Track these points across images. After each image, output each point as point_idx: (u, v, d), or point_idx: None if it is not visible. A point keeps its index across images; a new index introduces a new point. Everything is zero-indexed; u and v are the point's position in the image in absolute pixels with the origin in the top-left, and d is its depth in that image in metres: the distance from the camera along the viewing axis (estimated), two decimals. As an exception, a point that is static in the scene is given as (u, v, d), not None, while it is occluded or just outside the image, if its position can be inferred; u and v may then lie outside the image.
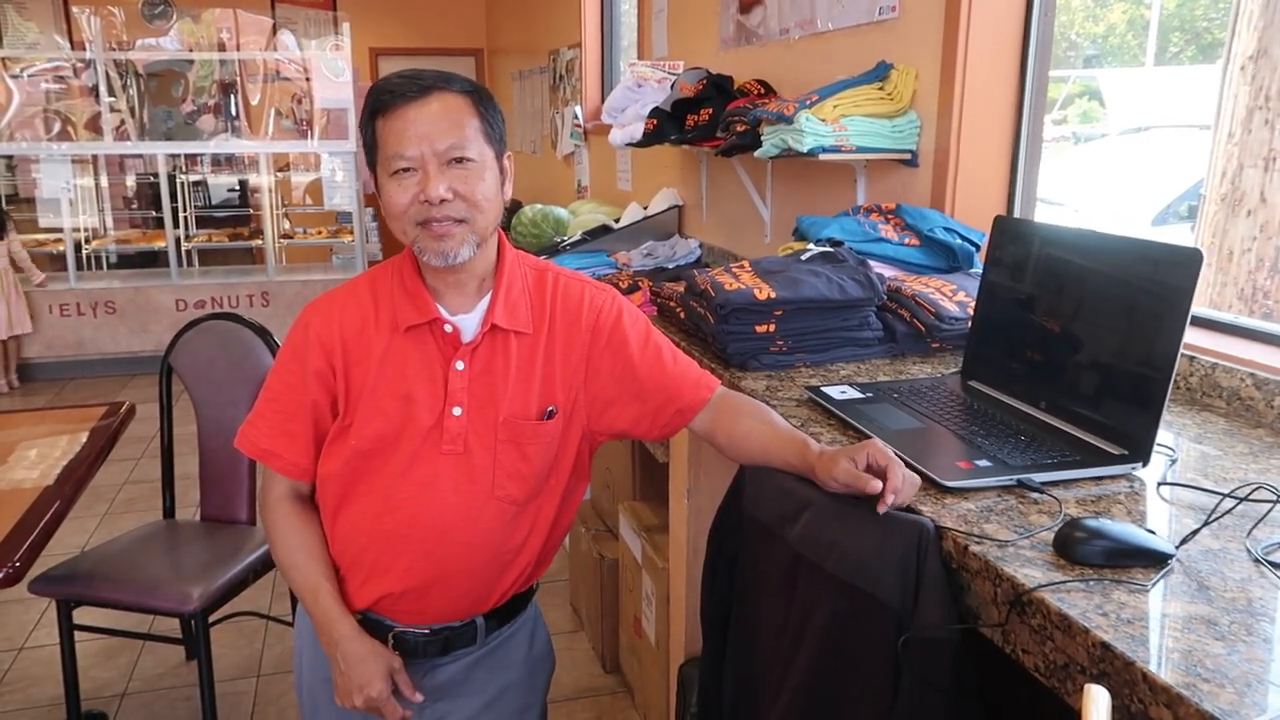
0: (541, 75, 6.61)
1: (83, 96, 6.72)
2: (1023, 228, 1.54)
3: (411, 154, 1.24)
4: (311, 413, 1.37)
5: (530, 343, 1.37)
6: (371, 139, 1.30)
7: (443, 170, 1.25)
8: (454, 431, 1.33)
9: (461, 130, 1.26)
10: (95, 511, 3.97)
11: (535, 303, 1.39)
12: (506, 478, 1.36)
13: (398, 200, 1.27)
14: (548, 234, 4.31)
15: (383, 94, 1.27)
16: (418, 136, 1.24)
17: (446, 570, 1.36)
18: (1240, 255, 2.53)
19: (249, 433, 1.40)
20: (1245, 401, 1.45)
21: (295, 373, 1.37)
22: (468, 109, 1.28)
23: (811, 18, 2.71)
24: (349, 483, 1.36)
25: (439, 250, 1.28)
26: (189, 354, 2.63)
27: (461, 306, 1.36)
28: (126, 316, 6.11)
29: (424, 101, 1.25)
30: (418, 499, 1.34)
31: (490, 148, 1.30)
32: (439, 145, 1.24)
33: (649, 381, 1.40)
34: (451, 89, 1.27)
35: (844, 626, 1.12)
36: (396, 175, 1.26)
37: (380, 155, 1.28)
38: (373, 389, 1.33)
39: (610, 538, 2.86)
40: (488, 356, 1.35)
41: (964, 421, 1.37)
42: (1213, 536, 1.03)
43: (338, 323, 1.36)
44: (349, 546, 1.38)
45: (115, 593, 2.26)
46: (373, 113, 1.28)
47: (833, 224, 2.08)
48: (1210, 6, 3.99)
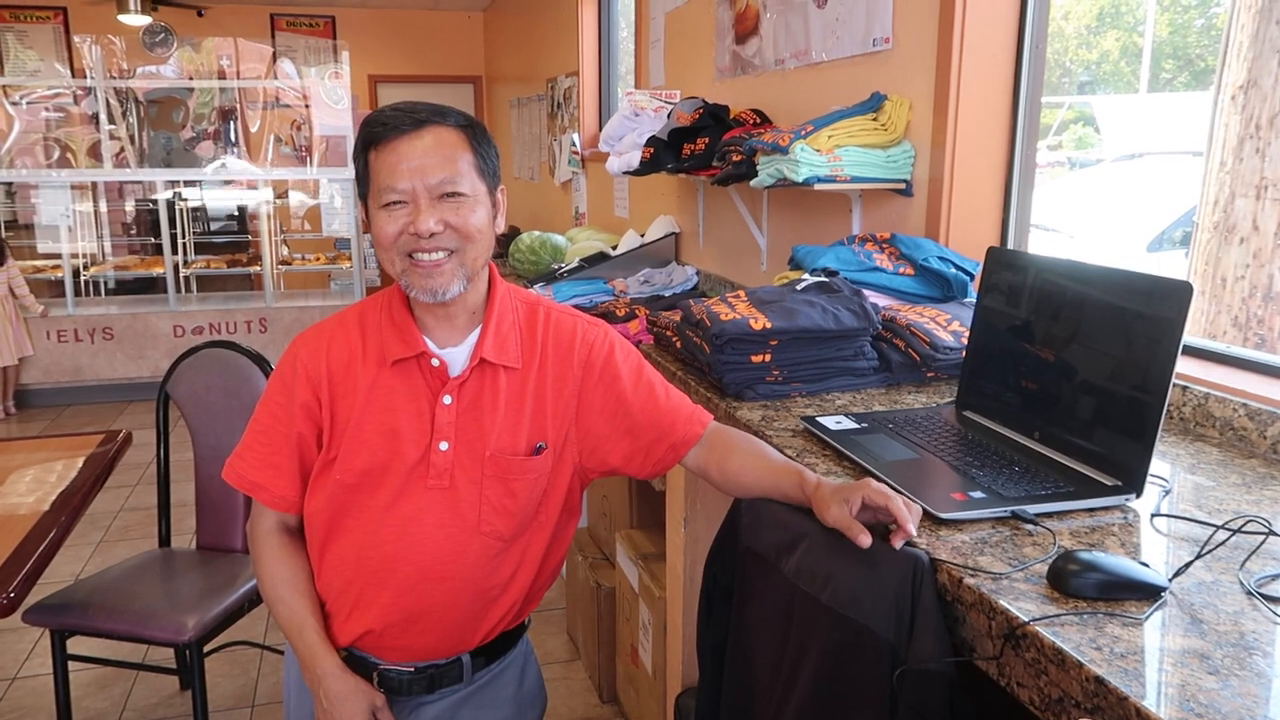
0: (539, 103, 6.65)
1: (83, 124, 6.77)
2: (1016, 258, 1.55)
3: (403, 187, 1.24)
4: (297, 445, 1.36)
5: (520, 377, 1.36)
6: (364, 170, 1.29)
7: (433, 204, 1.25)
8: (440, 466, 1.32)
9: (454, 165, 1.26)
10: (90, 539, 3.95)
11: (526, 337, 1.38)
12: (493, 513, 1.34)
13: (386, 230, 1.26)
14: (545, 261, 4.33)
15: (376, 126, 1.27)
16: (409, 170, 1.24)
17: (430, 607, 1.35)
18: (1234, 283, 2.55)
19: (236, 464, 1.40)
20: (1238, 431, 1.46)
21: (282, 405, 1.36)
22: (461, 143, 1.27)
23: (806, 48, 2.74)
24: (334, 517, 1.35)
25: (427, 287, 1.27)
26: (186, 382, 2.63)
27: (450, 340, 1.36)
28: (124, 343, 6.11)
29: (417, 135, 1.25)
30: (402, 534, 1.32)
31: (483, 182, 1.30)
32: (431, 179, 1.24)
33: (641, 417, 1.39)
34: (446, 123, 1.27)
35: (839, 658, 1.12)
36: (387, 207, 1.26)
37: (372, 187, 1.28)
38: (358, 423, 1.32)
39: (607, 566, 2.85)
40: (476, 391, 1.34)
41: (958, 452, 1.38)
42: (1206, 569, 1.03)
43: (325, 355, 1.35)
44: (334, 581, 1.37)
45: (110, 622, 2.25)
46: (365, 144, 1.28)
47: (828, 253, 2.09)
48: (1202, 34, 4.02)
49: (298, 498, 1.39)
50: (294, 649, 1.39)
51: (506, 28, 8.24)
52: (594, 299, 3.31)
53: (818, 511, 1.17)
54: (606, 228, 4.74)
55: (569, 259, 4.12)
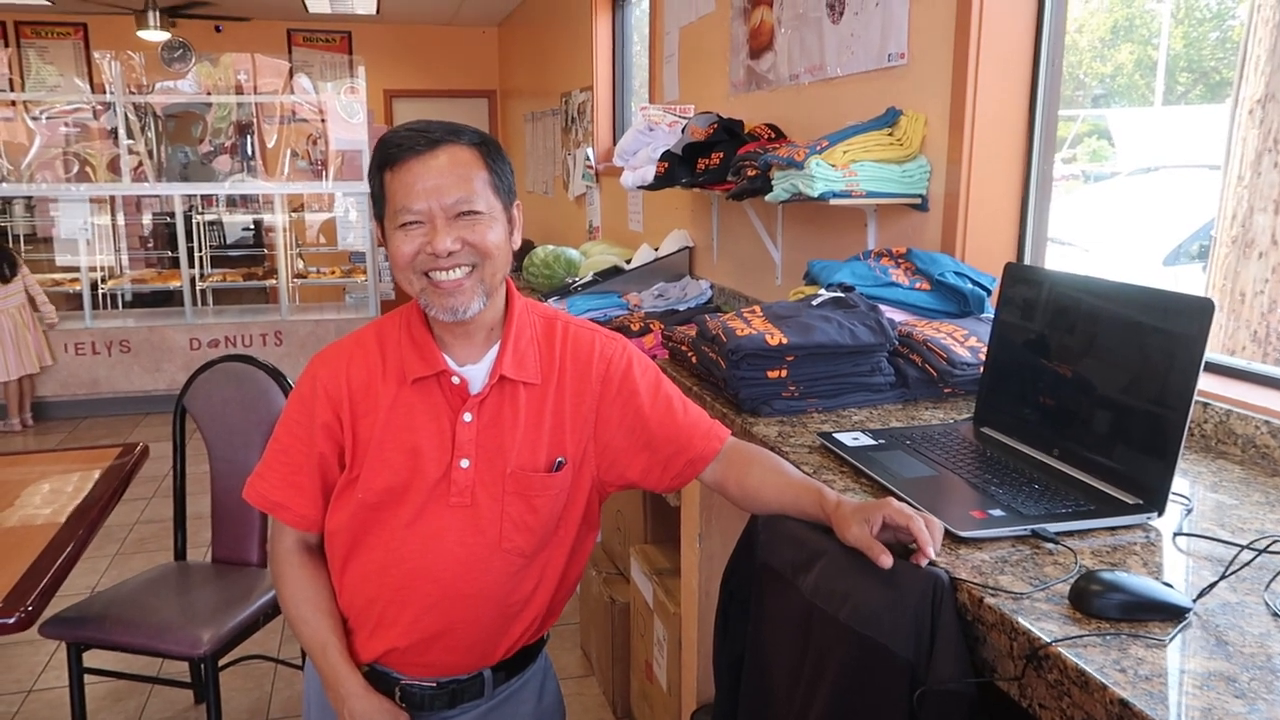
0: (553, 117, 6.68)
1: (102, 138, 6.84)
2: (1034, 274, 1.55)
3: (419, 208, 1.24)
4: (319, 465, 1.36)
5: (539, 393, 1.36)
6: (379, 191, 1.29)
7: (450, 223, 1.25)
8: (461, 484, 1.32)
9: (470, 184, 1.26)
10: (106, 552, 3.97)
11: (544, 352, 1.39)
12: (514, 529, 1.34)
13: (403, 251, 1.26)
14: (559, 274, 4.34)
15: (390, 147, 1.27)
16: (425, 191, 1.24)
17: (453, 623, 1.35)
18: (1253, 298, 2.53)
19: (257, 484, 1.40)
20: (1261, 449, 1.44)
21: (302, 424, 1.36)
22: (476, 162, 1.27)
23: (821, 64, 2.74)
24: (356, 535, 1.35)
25: (448, 306, 1.28)
26: (203, 396, 2.64)
27: (469, 357, 1.36)
28: (141, 355, 6.15)
29: (432, 155, 1.25)
30: (424, 552, 1.33)
31: (499, 199, 1.30)
32: (447, 200, 1.24)
33: (659, 431, 1.39)
34: (460, 141, 1.27)
35: (858, 678, 1.11)
36: (404, 228, 1.26)
37: (388, 208, 1.28)
38: (379, 441, 1.32)
39: (621, 581, 2.84)
40: (496, 408, 1.34)
41: (977, 469, 1.37)
42: (1230, 589, 1.02)
43: (345, 375, 1.35)
44: (356, 599, 1.38)
45: (125, 636, 2.26)
46: (380, 166, 1.28)
47: (844, 269, 2.09)
48: (1218, 46, 4.01)
49: (319, 516, 1.39)
50: (317, 668, 1.39)
51: (521, 42, 8.29)
52: (608, 313, 3.31)
53: (838, 530, 1.16)
54: (620, 242, 4.74)
55: (583, 273, 4.13)
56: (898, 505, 1.12)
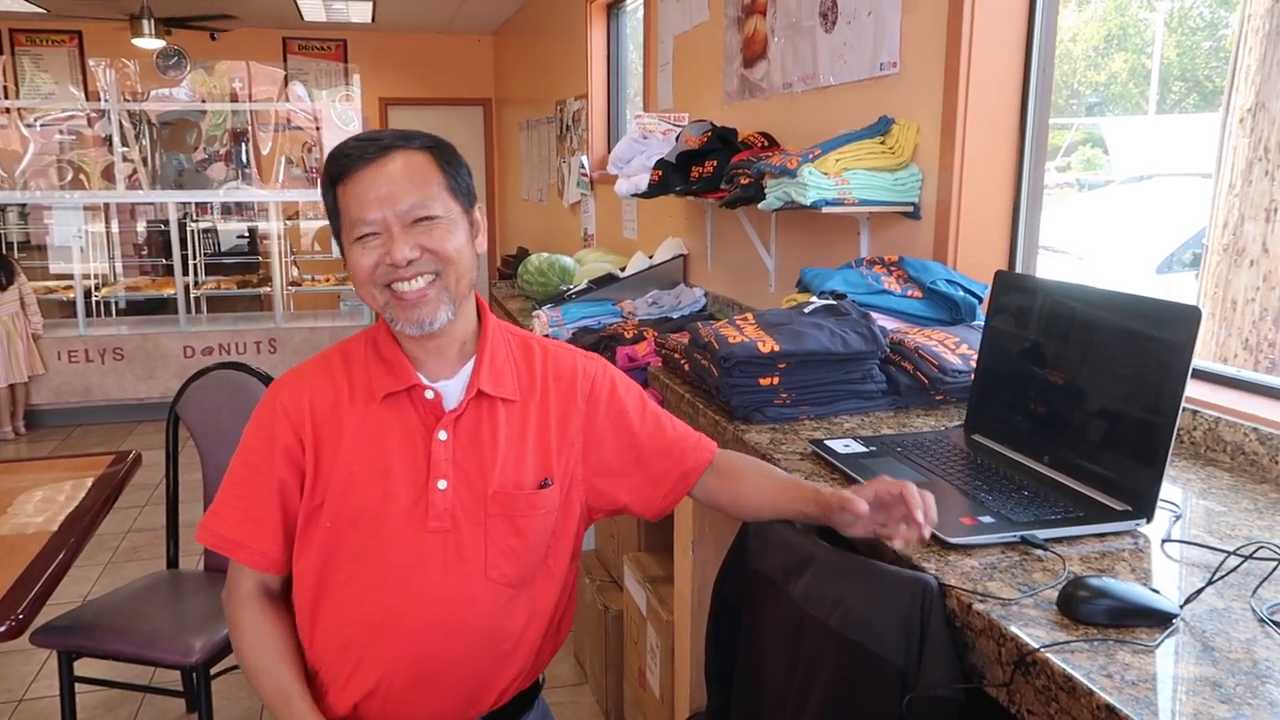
0: (548, 125, 6.70)
1: (96, 146, 6.84)
2: (1024, 282, 1.56)
3: (373, 218, 1.19)
4: (279, 496, 1.27)
5: (520, 410, 1.31)
6: (333, 206, 1.24)
7: (407, 231, 1.20)
8: (440, 507, 1.24)
9: (424, 188, 1.21)
10: (99, 560, 3.95)
11: (523, 370, 1.34)
12: (500, 556, 1.27)
13: (363, 264, 1.21)
14: (554, 282, 4.34)
15: (339, 159, 1.21)
16: (378, 200, 1.19)
17: (438, 664, 1.26)
18: (1244, 305, 2.54)
19: (211, 523, 1.29)
20: (1250, 456, 1.45)
21: (260, 453, 1.27)
22: (430, 166, 1.23)
23: (814, 72, 2.75)
24: (326, 570, 1.26)
25: (414, 319, 1.22)
26: (196, 403, 2.64)
27: (442, 373, 1.29)
28: (134, 363, 6.14)
29: (383, 162, 1.20)
30: (404, 584, 1.24)
31: (456, 202, 1.25)
32: (401, 206, 1.19)
33: (650, 446, 1.36)
34: (411, 146, 1.23)
35: (848, 684, 1.11)
36: (361, 240, 1.21)
37: (343, 222, 1.23)
38: (347, 464, 1.24)
39: (615, 588, 2.84)
40: (473, 425, 1.28)
41: (967, 476, 1.37)
42: (1217, 595, 1.03)
43: (307, 397, 1.27)
44: (330, 643, 1.27)
45: (117, 644, 2.25)
46: (332, 180, 1.22)
47: (836, 276, 2.09)
48: (1211, 55, 4.02)
49: (280, 556, 1.29)
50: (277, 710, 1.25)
51: (516, 51, 8.31)
52: (602, 320, 3.32)
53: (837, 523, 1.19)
54: (615, 249, 4.75)
55: (577, 280, 4.13)
56: (887, 480, 1.16)
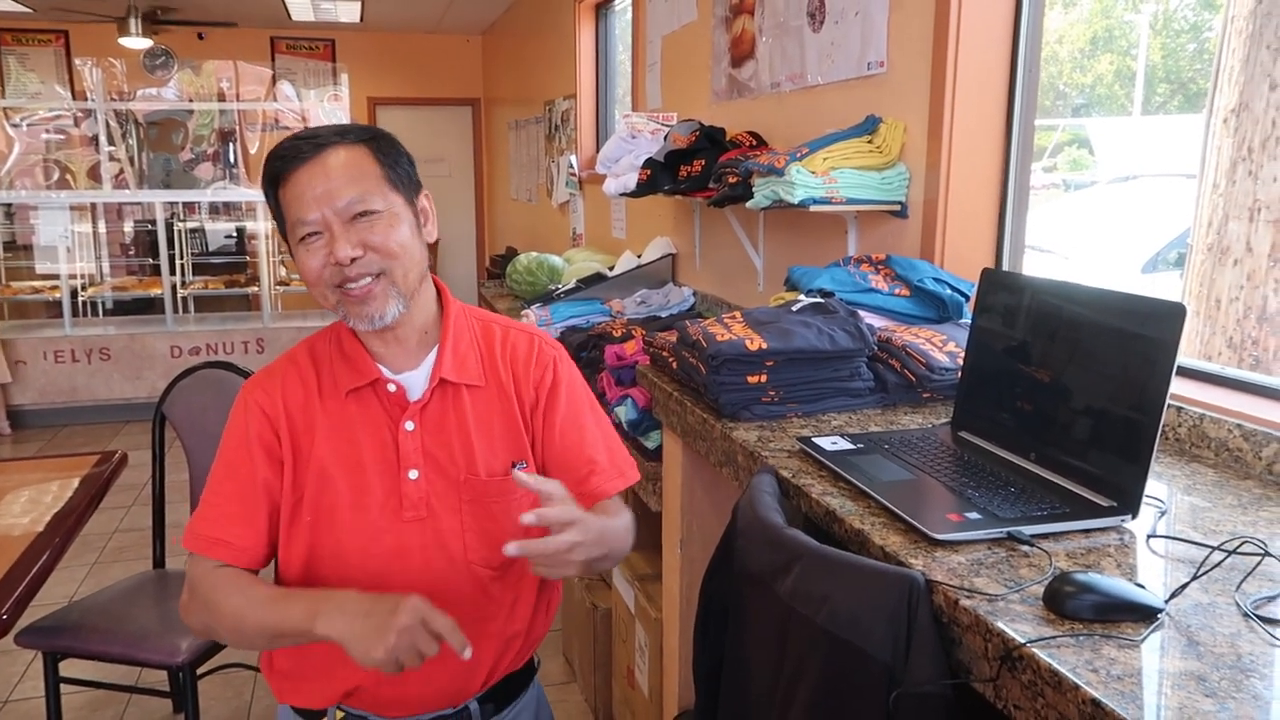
0: (537, 125, 6.69)
1: (83, 145, 6.80)
2: (1010, 280, 1.56)
3: (313, 217, 1.19)
4: (264, 490, 1.27)
5: (485, 395, 1.32)
6: (276, 209, 1.24)
7: (348, 227, 1.20)
8: (414, 497, 1.26)
9: (361, 183, 1.20)
10: (85, 561, 3.93)
11: (486, 354, 1.34)
12: (478, 541, 1.28)
13: (310, 265, 1.21)
14: (542, 282, 4.34)
15: (275, 160, 1.21)
16: (315, 199, 1.19)
17: None
18: (1228, 304, 2.55)
19: (196, 526, 1.28)
20: (1234, 452, 1.46)
21: (240, 454, 1.28)
22: (367, 159, 1.22)
23: (802, 72, 2.76)
24: (310, 564, 1.28)
25: (364, 314, 1.23)
26: (182, 403, 2.63)
27: (405, 364, 1.30)
28: (121, 363, 6.11)
29: (317, 160, 1.20)
30: (384, 573, 1.26)
31: (399, 193, 1.24)
32: (339, 203, 1.19)
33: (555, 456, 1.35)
34: (346, 141, 1.22)
35: (835, 681, 1.11)
36: (304, 241, 1.21)
37: (287, 224, 1.22)
38: (321, 460, 1.26)
39: (603, 587, 2.84)
40: (439, 413, 1.29)
41: (954, 473, 1.38)
42: (1202, 590, 1.03)
43: (280, 394, 1.29)
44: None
45: (102, 645, 2.24)
46: (271, 182, 1.23)
47: (824, 274, 2.10)
48: (1195, 58, 4.05)
49: (263, 553, 1.29)
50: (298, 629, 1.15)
51: (505, 51, 8.29)
52: (591, 319, 3.32)
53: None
54: (604, 249, 4.75)
55: (566, 280, 4.13)
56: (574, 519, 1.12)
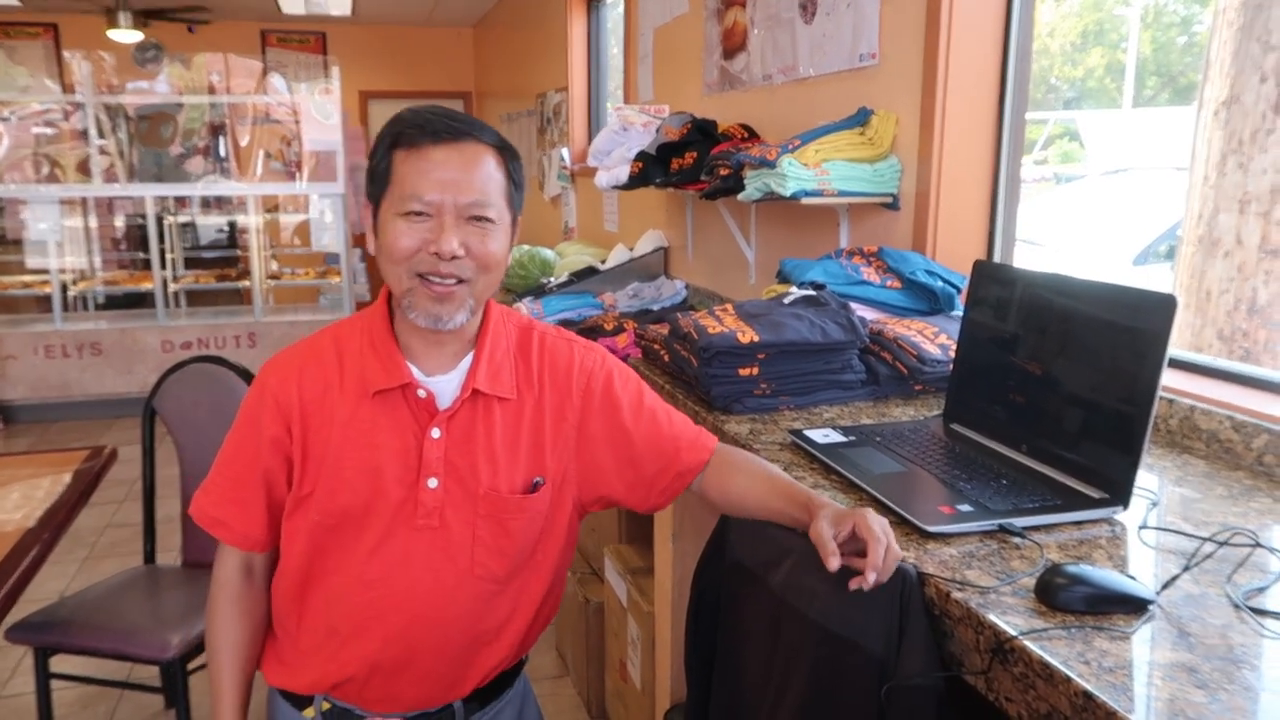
0: (529, 118, 6.67)
1: (73, 139, 6.75)
2: (1002, 272, 1.56)
3: (431, 198, 1.14)
4: (264, 480, 1.27)
5: (515, 408, 1.28)
6: (385, 170, 1.18)
7: (459, 224, 1.15)
8: (429, 505, 1.23)
9: (487, 186, 1.17)
10: (76, 556, 3.92)
11: (520, 365, 1.30)
12: (487, 554, 1.26)
13: (403, 243, 1.15)
14: (534, 275, 4.33)
15: (409, 126, 1.16)
16: (441, 183, 1.14)
17: (418, 653, 1.27)
18: (1219, 296, 2.56)
19: (200, 500, 1.31)
20: (1224, 444, 1.46)
21: (249, 437, 1.27)
22: (497, 164, 1.19)
23: (794, 64, 2.75)
24: (314, 561, 1.26)
25: (433, 313, 1.18)
26: (172, 397, 2.61)
27: (439, 368, 1.26)
28: (112, 358, 6.08)
29: (454, 146, 1.16)
30: (388, 578, 1.24)
31: (510, 210, 1.22)
32: (463, 198, 1.15)
33: (643, 446, 1.32)
34: (484, 139, 1.18)
35: (827, 674, 1.11)
36: (408, 216, 1.15)
37: (392, 191, 1.17)
38: (336, 458, 1.22)
39: (596, 581, 2.84)
40: (468, 424, 1.25)
41: (946, 465, 1.37)
42: (1193, 581, 1.03)
43: (295, 384, 1.25)
44: (316, 628, 1.29)
45: (93, 640, 2.23)
46: (394, 143, 1.17)
47: (815, 267, 2.09)
48: (1185, 51, 4.04)
49: (264, 536, 1.30)
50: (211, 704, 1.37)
51: (496, 43, 8.27)
52: (582, 313, 3.31)
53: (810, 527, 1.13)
54: (596, 242, 4.74)
55: (558, 273, 4.12)
56: (870, 518, 1.06)
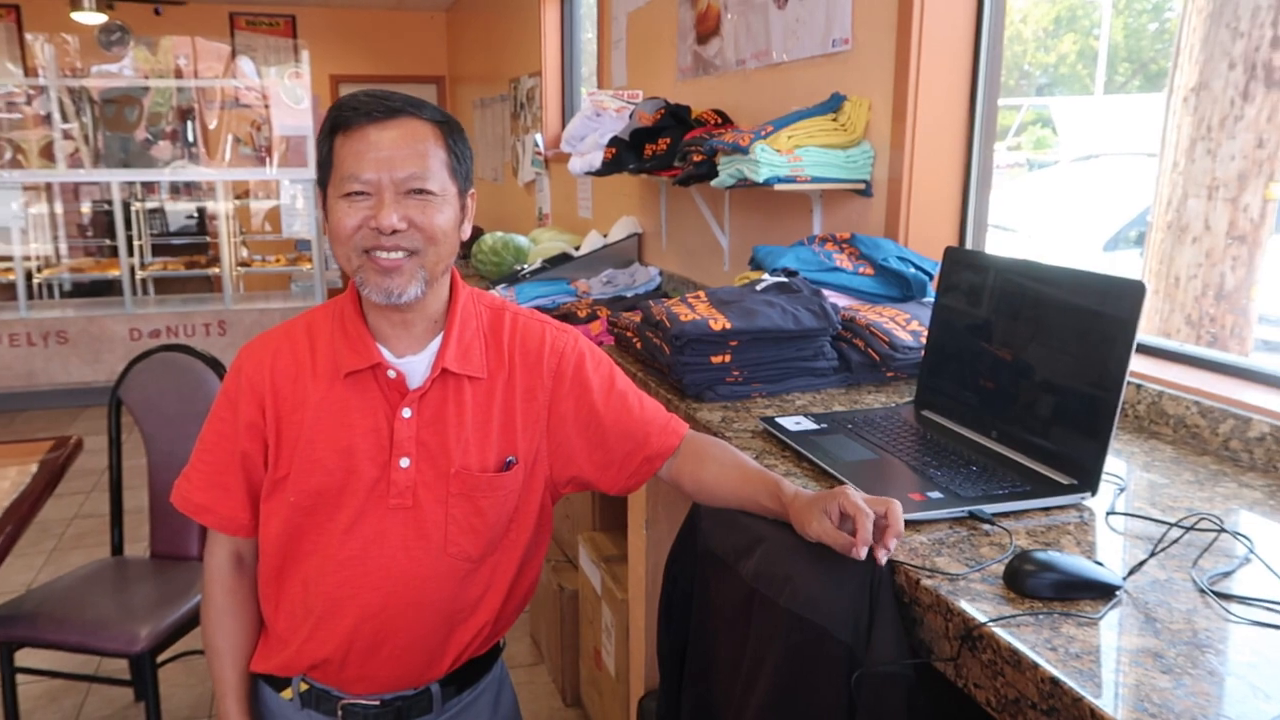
0: (503, 103, 6.62)
1: (36, 124, 6.63)
2: (973, 258, 1.56)
3: (368, 177, 1.17)
4: (243, 464, 1.29)
5: (486, 388, 1.30)
6: (327, 156, 1.22)
7: (399, 199, 1.18)
8: (401, 484, 1.25)
9: (425, 160, 1.19)
10: (43, 548, 3.86)
11: (491, 345, 1.32)
12: (460, 533, 1.28)
13: (346, 223, 1.19)
14: (508, 262, 4.30)
15: (346, 110, 1.19)
16: (377, 161, 1.17)
17: (393, 632, 1.28)
18: (1187, 281, 2.58)
19: (183, 486, 1.33)
20: (1191, 429, 1.47)
21: (227, 422, 1.30)
22: (435, 139, 1.21)
23: (767, 49, 2.74)
24: (290, 542, 1.28)
25: (384, 287, 1.20)
26: (139, 387, 2.58)
27: (409, 349, 1.28)
28: (79, 347, 5.99)
29: (389, 124, 1.18)
30: (363, 558, 1.26)
31: (454, 183, 1.23)
32: (399, 173, 1.17)
33: (614, 429, 1.34)
34: (421, 115, 1.21)
35: (798, 661, 1.11)
36: (349, 197, 1.19)
37: (334, 174, 1.20)
38: (309, 440, 1.25)
39: (570, 568, 2.83)
40: (438, 403, 1.27)
41: (917, 452, 1.38)
42: (1159, 567, 1.04)
43: (269, 368, 1.28)
44: (293, 609, 1.30)
45: (59, 634, 2.20)
46: (333, 128, 1.21)
47: (788, 254, 2.09)
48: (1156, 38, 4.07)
49: (248, 519, 1.32)
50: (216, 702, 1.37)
51: (469, 28, 8.19)
52: (556, 300, 3.29)
53: (798, 526, 1.12)
54: (570, 228, 4.72)
55: (532, 260, 4.10)
56: (854, 496, 1.08)
